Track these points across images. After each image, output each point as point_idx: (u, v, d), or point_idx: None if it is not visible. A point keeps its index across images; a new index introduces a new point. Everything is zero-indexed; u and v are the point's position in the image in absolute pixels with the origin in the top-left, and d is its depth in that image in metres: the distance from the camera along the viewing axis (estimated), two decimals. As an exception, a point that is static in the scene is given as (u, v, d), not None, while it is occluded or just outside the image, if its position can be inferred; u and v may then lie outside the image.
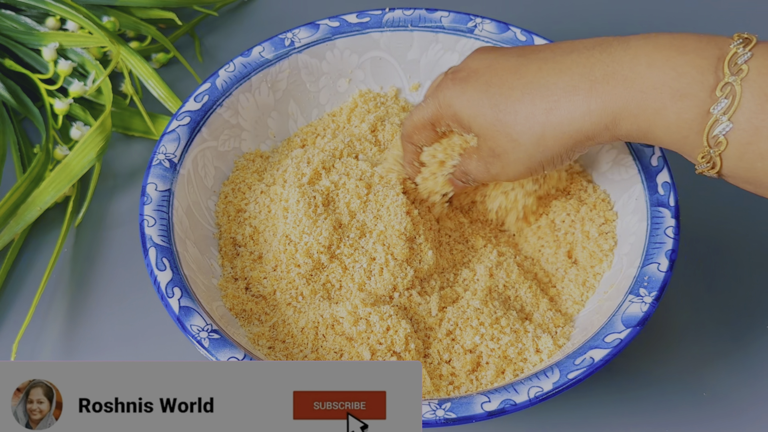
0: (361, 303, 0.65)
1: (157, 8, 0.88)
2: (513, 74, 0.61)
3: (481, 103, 0.62)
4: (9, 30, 0.84)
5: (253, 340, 0.66)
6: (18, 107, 0.83)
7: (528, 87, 0.60)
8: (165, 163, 0.70)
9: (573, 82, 0.59)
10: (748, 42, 0.55)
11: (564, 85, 0.59)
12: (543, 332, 0.66)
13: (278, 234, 0.69)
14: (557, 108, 0.59)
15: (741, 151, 0.55)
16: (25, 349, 0.71)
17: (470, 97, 0.62)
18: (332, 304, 0.66)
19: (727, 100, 0.54)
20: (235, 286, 0.69)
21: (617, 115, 0.58)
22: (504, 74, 0.62)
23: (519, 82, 0.61)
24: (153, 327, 0.73)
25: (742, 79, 0.54)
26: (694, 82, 0.56)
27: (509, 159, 0.62)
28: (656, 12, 0.95)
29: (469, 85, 0.63)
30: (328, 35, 0.78)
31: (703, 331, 0.72)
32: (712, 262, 0.75)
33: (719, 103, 0.55)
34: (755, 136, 0.54)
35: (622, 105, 0.57)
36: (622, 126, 0.58)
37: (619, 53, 0.58)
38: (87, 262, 0.77)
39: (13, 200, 0.75)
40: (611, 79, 0.57)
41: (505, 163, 0.63)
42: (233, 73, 0.75)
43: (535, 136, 0.60)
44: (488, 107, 0.61)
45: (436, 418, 0.58)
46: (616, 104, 0.57)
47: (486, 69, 0.63)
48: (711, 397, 0.69)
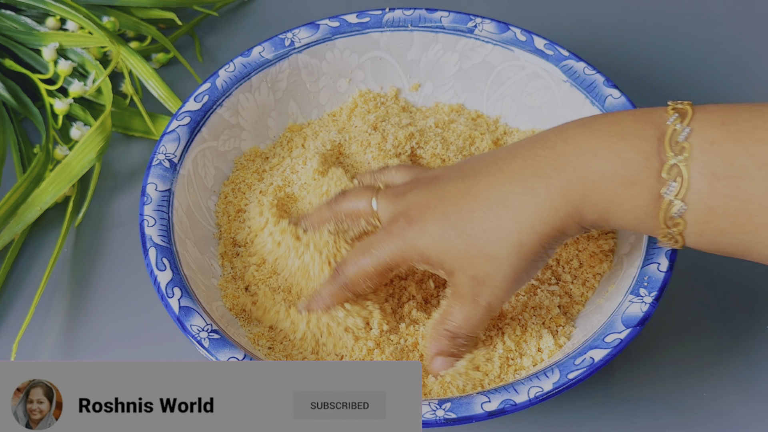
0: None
1: (157, 8, 0.88)
2: (466, 198, 0.60)
3: (447, 236, 0.60)
4: (9, 30, 0.85)
5: (253, 340, 0.66)
6: (18, 107, 0.83)
7: (487, 204, 0.59)
8: (165, 163, 0.70)
9: (528, 185, 0.58)
10: (684, 115, 0.55)
11: (520, 191, 0.58)
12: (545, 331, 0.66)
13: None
14: (524, 213, 0.58)
15: (700, 229, 0.55)
16: (25, 349, 0.71)
17: (433, 234, 0.60)
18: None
19: (676, 183, 0.54)
20: (235, 286, 0.69)
21: (579, 206, 0.57)
22: (457, 200, 0.60)
23: (476, 203, 0.59)
24: (153, 327, 0.73)
25: (686, 158, 0.54)
26: (640, 168, 0.55)
27: (496, 280, 0.60)
28: (657, 12, 0.95)
29: (427, 223, 0.61)
30: (328, 35, 0.78)
31: (703, 331, 0.72)
32: (712, 262, 0.75)
33: (669, 186, 0.54)
34: (711, 215, 0.54)
35: (580, 196, 0.57)
36: (586, 216, 0.57)
37: (561, 146, 0.57)
38: (87, 262, 0.77)
39: (13, 200, 0.75)
40: (562, 173, 0.57)
41: (493, 286, 0.60)
42: (233, 73, 0.75)
43: (513, 247, 0.58)
44: (456, 237, 0.59)
45: (436, 418, 0.58)
46: (575, 196, 0.57)
47: (436, 201, 0.61)
48: (711, 397, 0.69)
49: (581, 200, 0.57)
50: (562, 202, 0.57)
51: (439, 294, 0.68)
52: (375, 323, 0.65)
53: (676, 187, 0.54)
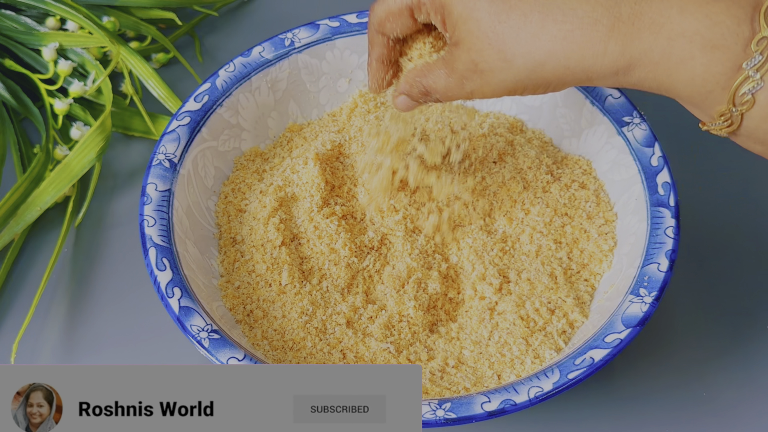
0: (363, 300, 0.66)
1: (157, 8, 0.88)
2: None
3: (480, 6, 0.54)
4: (9, 30, 0.84)
5: (253, 340, 0.66)
6: (18, 107, 0.83)
7: (540, 4, 0.53)
8: (165, 163, 0.70)
9: (595, 15, 0.52)
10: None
11: (583, 14, 0.52)
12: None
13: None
14: (569, 39, 0.52)
15: (764, 114, 0.51)
16: (25, 349, 0.71)
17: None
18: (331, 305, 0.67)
19: (762, 57, 0.50)
20: (235, 286, 0.69)
21: (634, 61, 0.52)
22: None
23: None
24: (153, 327, 0.73)
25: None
26: (728, 32, 0.50)
27: (493, 78, 0.55)
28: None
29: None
30: (328, 35, 0.78)
31: (703, 331, 0.72)
32: (712, 262, 0.75)
33: (753, 58, 0.50)
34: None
35: (643, 50, 0.52)
36: (636, 73, 0.53)
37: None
38: (87, 262, 0.77)
39: (13, 200, 0.75)
40: (637, 20, 0.52)
41: (486, 81, 0.55)
42: (233, 73, 0.75)
43: (533, 62, 0.53)
44: (486, 12, 0.53)
45: (436, 418, 0.58)
46: (636, 49, 0.52)
47: None
48: (711, 397, 0.69)
49: (642, 56, 0.52)
50: (617, 51, 0.52)
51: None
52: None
53: (761, 60, 0.50)
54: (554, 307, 0.67)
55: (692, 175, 0.78)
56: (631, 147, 0.71)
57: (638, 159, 0.70)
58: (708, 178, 0.79)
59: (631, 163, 0.70)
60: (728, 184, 0.79)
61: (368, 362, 0.65)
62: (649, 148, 0.70)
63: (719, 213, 0.78)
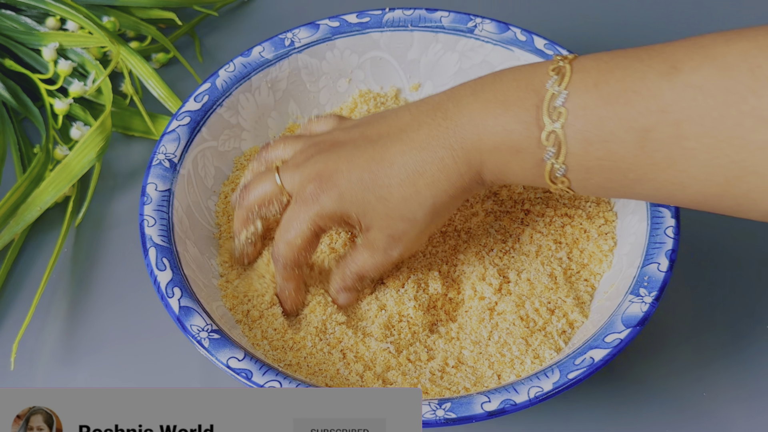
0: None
1: (157, 8, 0.88)
2: (380, 164, 0.63)
3: (366, 200, 0.63)
4: (9, 30, 0.85)
5: (253, 340, 0.66)
6: (18, 107, 0.83)
7: (402, 172, 0.62)
8: (165, 163, 0.70)
9: (438, 155, 0.61)
10: (563, 76, 0.58)
11: (431, 160, 0.61)
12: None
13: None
14: (437, 180, 0.62)
15: (583, 184, 0.59)
16: (25, 349, 0.71)
17: (352, 198, 0.63)
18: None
19: (554, 149, 0.58)
20: (235, 285, 0.69)
21: (479, 170, 0.61)
22: (371, 166, 0.63)
23: (391, 170, 0.62)
24: (153, 327, 0.73)
25: (562, 124, 0.57)
26: (522, 138, 0.59)
27: (410, 236, 0.64)
28: (657, 11, 0.95)
29: (341, 187, 0.63)
30: (328, 35, 0.78)
31: (703, 331, 0.72)
32: (712, 262, 0.75)
33: (548, 151, 0.58)
34: (588, 173, 0.58)
35: (479, 162, 0.61)
36: (486, 178, 0.62)
37: (458, 117, 0.61)
38: (87, 262, 0.77)
39: (13, 200, 0.75)
40: (463, 144, 0.61)
41: (407, 241, 0.64)
42: (233, 73, 0.75)
43: (429, 208, 0.62)
44: (375, 202, 0.63)
45: (436, 418, 0.58)
46: (475, 162, 0.61)
47: (347, 165, 0.63)
48: (711, 397, 0.69)
49: (480, 166, 0.61)
50: (466, 169, 0.61)
51: None
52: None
53: (554, 151, 0.58)
54: (554, 307, 0.67)
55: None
56: (631, 147, 0.71)
57: (638, 159, 0.70)
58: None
59: (631, 163, 0.70)
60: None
61: (368, 362, 0.65)
62: (649, 148, 0.70)
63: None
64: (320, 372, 0.64)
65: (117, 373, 0.71)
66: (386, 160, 0.62)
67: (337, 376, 0.64)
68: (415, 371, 0.65)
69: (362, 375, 0.64)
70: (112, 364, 0.71)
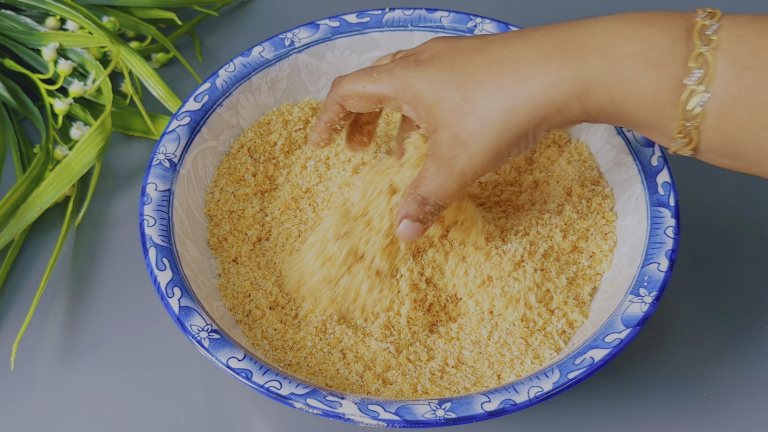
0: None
1: (157, 8, 0.88)
2: (478, 53, 0.59)
3: (445, 84, 0.59)
4: (9, 30, 0.85)
5: (253, 340, 0.66)
6: (18, 107, 0.83)
7: (495, 63, 0.58)
8: (165, 163, 0.70)
9: (544, 53, 0.57)
10: (713, 15, 0.55)
11: (534, 56, 0.57)
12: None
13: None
14: (527, 77, 0.57)
15: (719, 122, 0.54)
16: (25, 349, 0.71)
17: (433, 79, 0.59)
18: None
19: (701, 71, 0.54)
20: (235, 285, 0.69)
21: (590, 84, 0.56)
22: (469, 54, 0.59)
23: (486, 59, 0.58)
24: (153, 327, 0.73)
25: (713, 48, 0.53)
26: (666, 51, 0.55)
27: (476, 144, 0.58)
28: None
29: (432, 66, 0.60)
30: (328, 35, 0.78)
31: (703, 331, 0.72)
32: (712, 262, 0.75)
33: (693, 73, 0.54)
34: (733, 105, 0.54)
35: (595, 73, 0.56)
36: (595, 97, 0.56)
37: (589, 26, 0.57)
38: (87, 262, 0.77)
39: (13, 200, 0.75)
40: (584, 48, 0.56)
41: (471, 150, 0.59)
42: (233, 73, 0.75)
43: (503, 110, 0.57)
44: (453, 87, 0.59)
45: (436, 418, 0.58)
46: (589, 72, 0.56)
47: (449, 50, 0.60)
48: (711, 396, 0.69)
49: (595, 78, 0.56)
50: (573, 75, 0.56)
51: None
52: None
53: (701, 74, 0.54)
54: (554, 307, 0.67)
55: (692, 175, 0.78)
56: (631, 147, 0.71)
57: (638, 159, 0.70)
58: (708, 178, 0.79)
59: (631, 162, 0.70)
60: (728, 184, 0.79)
61: (368, 362, 0.65)
62: (649, 147, 0.70)
63: (719, 213, 0.78)
64: (320, 372, 0.64)
65: (117, 373, 0.71)
66: (485, 51, 0.59)
67: (337, 376, 0.64)
68: (415, 371, 0.65)
69: (362, 375, 0.64)
70: (112, 363, 0.71)
